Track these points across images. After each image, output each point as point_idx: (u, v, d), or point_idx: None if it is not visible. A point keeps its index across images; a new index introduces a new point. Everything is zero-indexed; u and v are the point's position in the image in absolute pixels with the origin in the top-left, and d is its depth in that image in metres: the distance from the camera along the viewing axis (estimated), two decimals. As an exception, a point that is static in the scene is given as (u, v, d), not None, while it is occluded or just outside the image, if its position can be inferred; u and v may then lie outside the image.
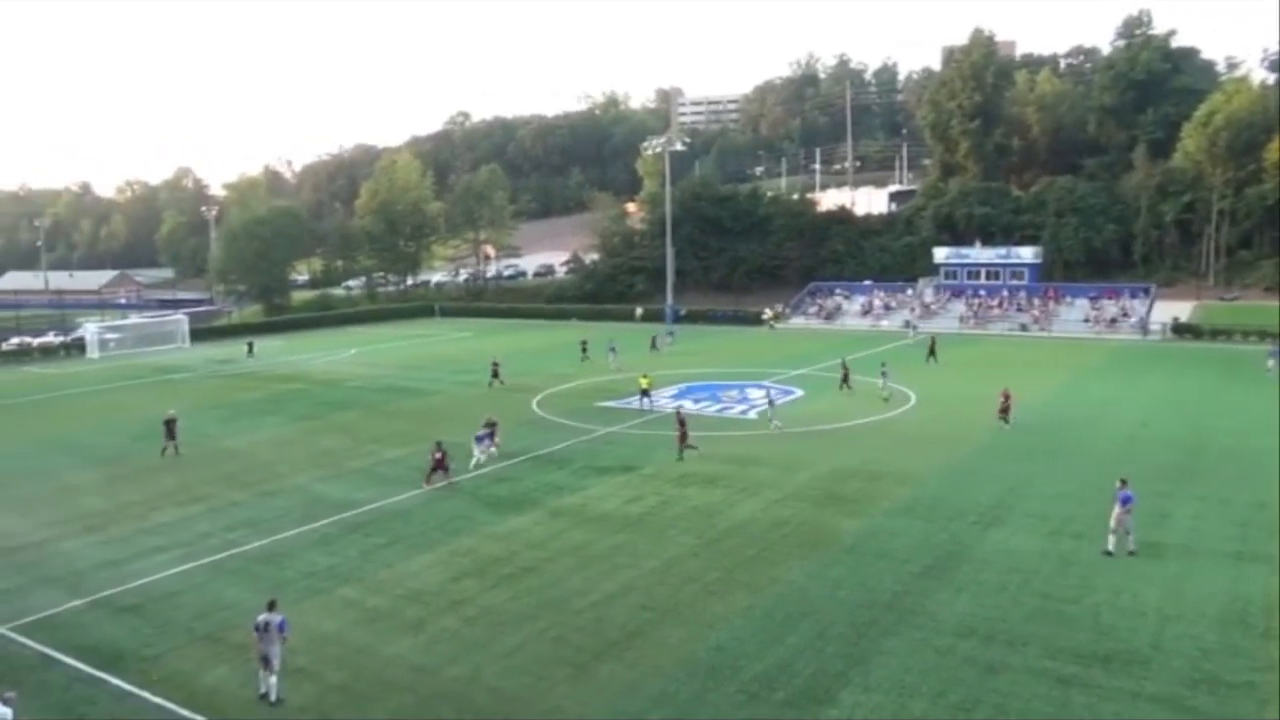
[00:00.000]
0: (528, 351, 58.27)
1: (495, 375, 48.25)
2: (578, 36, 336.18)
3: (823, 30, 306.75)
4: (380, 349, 69.04)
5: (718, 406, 42.06)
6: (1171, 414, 38.56)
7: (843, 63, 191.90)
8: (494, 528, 24.74)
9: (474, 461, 30.89)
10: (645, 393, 41.70)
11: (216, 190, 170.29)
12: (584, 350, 57.15)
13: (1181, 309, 71.55)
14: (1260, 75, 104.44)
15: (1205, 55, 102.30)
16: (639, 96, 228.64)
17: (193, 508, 27.36)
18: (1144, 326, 69.02)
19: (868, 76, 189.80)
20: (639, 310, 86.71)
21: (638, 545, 23.04)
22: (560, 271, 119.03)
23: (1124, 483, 22.00)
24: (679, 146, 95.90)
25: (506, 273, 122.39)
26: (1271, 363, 45.20)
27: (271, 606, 15.94)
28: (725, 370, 53.19)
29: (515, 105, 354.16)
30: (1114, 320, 71.18)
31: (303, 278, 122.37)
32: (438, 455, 28.78)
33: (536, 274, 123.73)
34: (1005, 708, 14.84)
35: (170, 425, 34.12)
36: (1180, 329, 66.47)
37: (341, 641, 17.89)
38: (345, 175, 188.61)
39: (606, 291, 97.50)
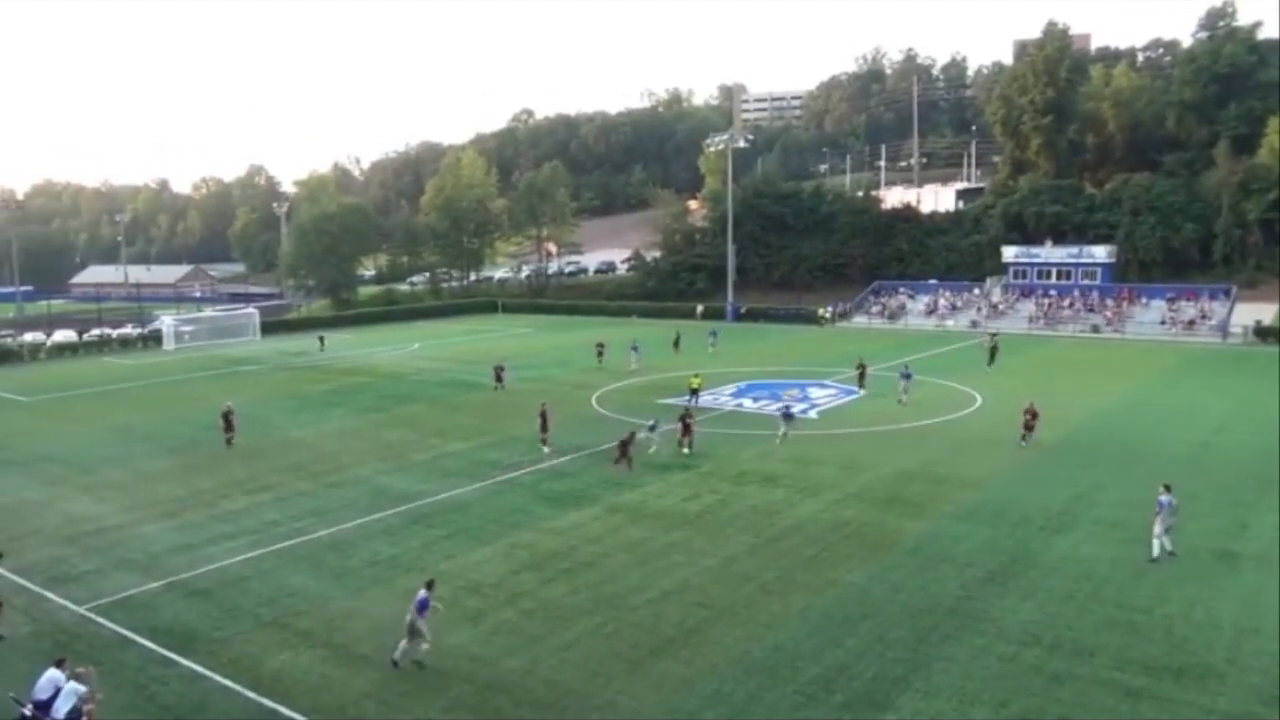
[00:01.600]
0: (588, 347, 58.42)
1: (499, 380, 46.41)
2: (641, 33, 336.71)
3: (890, 25, 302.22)
4: (443, 344, 70.04)
5: (778, 405, 41.72)
6: (1251, 421, 37.10)
7: (910, 58, 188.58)
8: (552, 522, 24.94)
9: (653, 449, 31.71)
10: (695, 392, 41.35)
11: (287, 187, 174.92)
12: (600, 353, 55.57)
13: (1265, 311, 68.71)
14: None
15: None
16: (702, 93, 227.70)
17: (261, 496, 28.12)
18: (1224, 329, 66.55)
19: (935, 71, 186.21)
20: (700, 308, 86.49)
21: (695, 543, 23.01)
22: (621, 269, 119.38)
23: (1167, 488, 21.76)
24: (741, 143, 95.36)
25: (568, 269, 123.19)
26: None
27: (429, 586, 16.93)
28: (783, 369, 52.75)
29: (578, 102, 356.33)
30: (1192, 323, 68.77)
31: (369, 273, 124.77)
32: (625, 439, 29.71)
33: (598, 271, 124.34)
34: (1071, 718, 14.47)
35: (228, 417, 35.07)
36: (1263, 332, 63.90)
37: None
38: (411, 172, 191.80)
39: (667, 289, 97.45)
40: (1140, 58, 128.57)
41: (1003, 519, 24.41)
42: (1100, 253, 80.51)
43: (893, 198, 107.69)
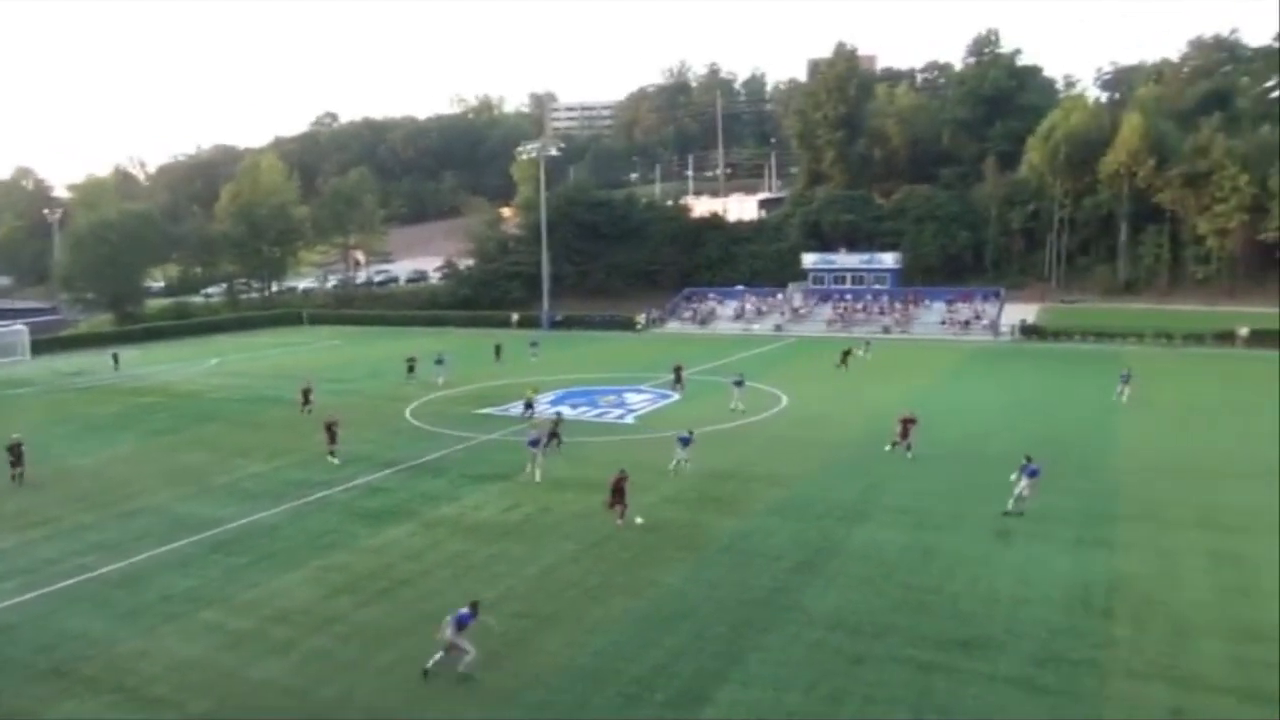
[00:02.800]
0: (398, 360, 56.84)
1: (306, 401, 42.16)
2: (449, 38, 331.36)
3: (694, 39, 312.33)
4: (245, 358, 66.16)
5: (596, 412, 42.24)
6: (1023, 411, 41.01)
7: (713, 72, 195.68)
8: (368, 541, 24.12)
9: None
10: (530, 404, 41.07)
11: (61, 192, 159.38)
12: (411, 367, 52.94)
13: (1028, 311, 76.19)
14: (1094, 93, 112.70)
15: (1046, 74, 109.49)
16: (513, 100, 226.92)
17: (34, 532, 25.54)
18: (995, 328, 73.17)
19: (737, 86, 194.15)
20: (516, 316, 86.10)
21: (516, 553, 22.91)
22: (434, 277, 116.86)
23: (1029, 459, 25.39)
24: (554, 151, 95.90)
25: (378, 279, 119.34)
26: (1120, 387, 42.81)
27: (474, 607, 16.67)
28: (601, 375, 53.42)
29: (385, 107, 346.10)
30: (968, 323, 75.16)
31: (159, 284, 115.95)
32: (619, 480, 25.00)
33: (410, 280, 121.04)
34: (873, 697, 15.49)
35: (15, 449, 31.35)
36: (1028, 330, 70.77)
37: (205, 667, 17.09)
38: (203, 177, 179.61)
39: (482, 297, 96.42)
40: (919, 79, 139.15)
41: (807, 512, 25.78)
42: (889, 259, 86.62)
43: (701, 206, 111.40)
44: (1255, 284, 75.80)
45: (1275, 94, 66.93)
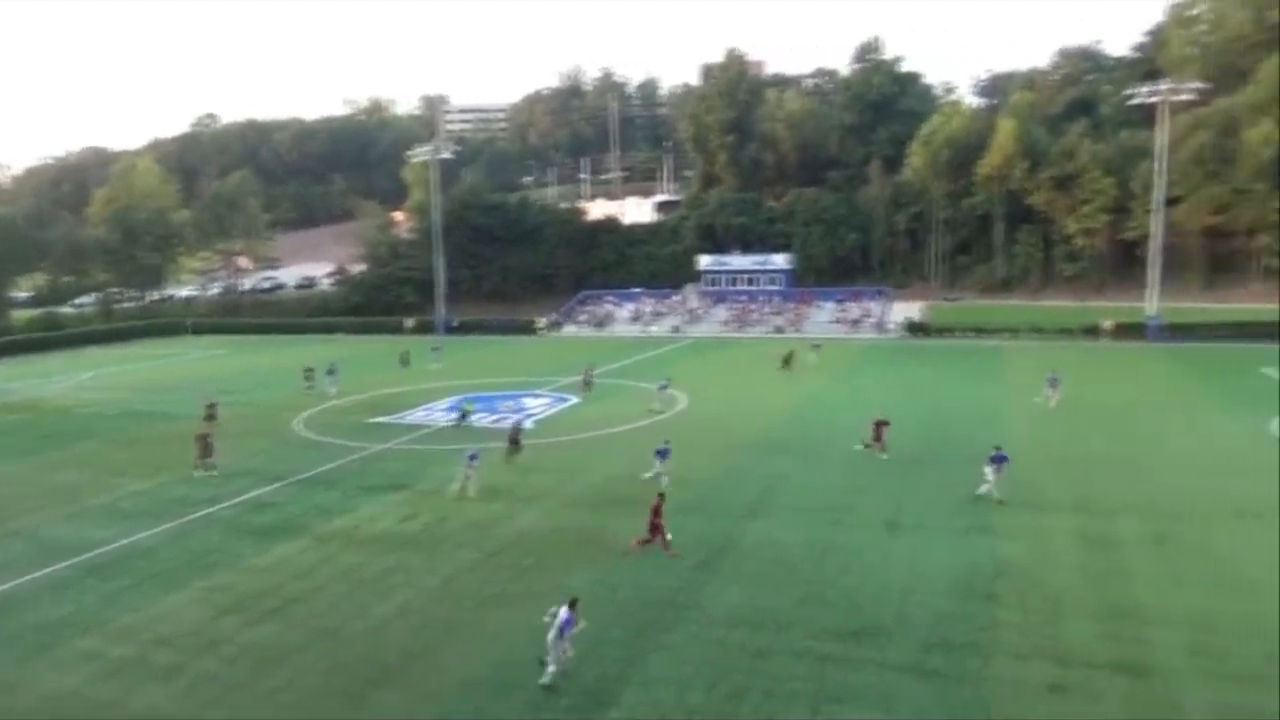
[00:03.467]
0: (289, 369, 55.10)
1: (210, 417, 40.64)
2: (337, 38, 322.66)
3: (587, 43, 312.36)
4: (122, 371, 62.97)
5: (494, 417, 41.80)
6: (909, 406, 42.42)
7: (607, 75, 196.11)
8: (256, 559, 23.27)
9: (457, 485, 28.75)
10: (465, 415, 39.94)
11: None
12: (308, 377, 50.54)
13: (913, 309, 79.08)
14: (971, 100, 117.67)
15: (926, 80, 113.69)
16: (404, 102, 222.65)
17: (-113, 563, 23.73)
18: (883, 326, 75.64)
19: (631, 90, 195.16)
20: (409, 322, 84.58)
21: (414, 564, 22.49)
22: (324, 284, 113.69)
23: (998, 448, 27.10)
24: (447, 154, 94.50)
25: (264, 286, 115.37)
26: (1048, 391, 41.28)
27: (572, 605, 16.42)
28: (501, 380, 52.94)
29: (270, 108, 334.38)
30: (857, 321, 77.48)
31: (25, 295, 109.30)
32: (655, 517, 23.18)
33: (298, 286, 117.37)
34: (773, 690, 15.81)
35: None
36: (913, 327, 73.42)
37: (83, 698, 16.22)
38: (73, 180, 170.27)
39: (375, 303, 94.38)
40: (807, 84, 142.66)
41: (708, 511, 26.12)
42: (781, 260, 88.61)
43: (596, 210, 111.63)
44: (1119, 280, 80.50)
45: (1135, 101, 71.05)
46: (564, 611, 16.35)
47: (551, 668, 16.11)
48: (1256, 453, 31.51)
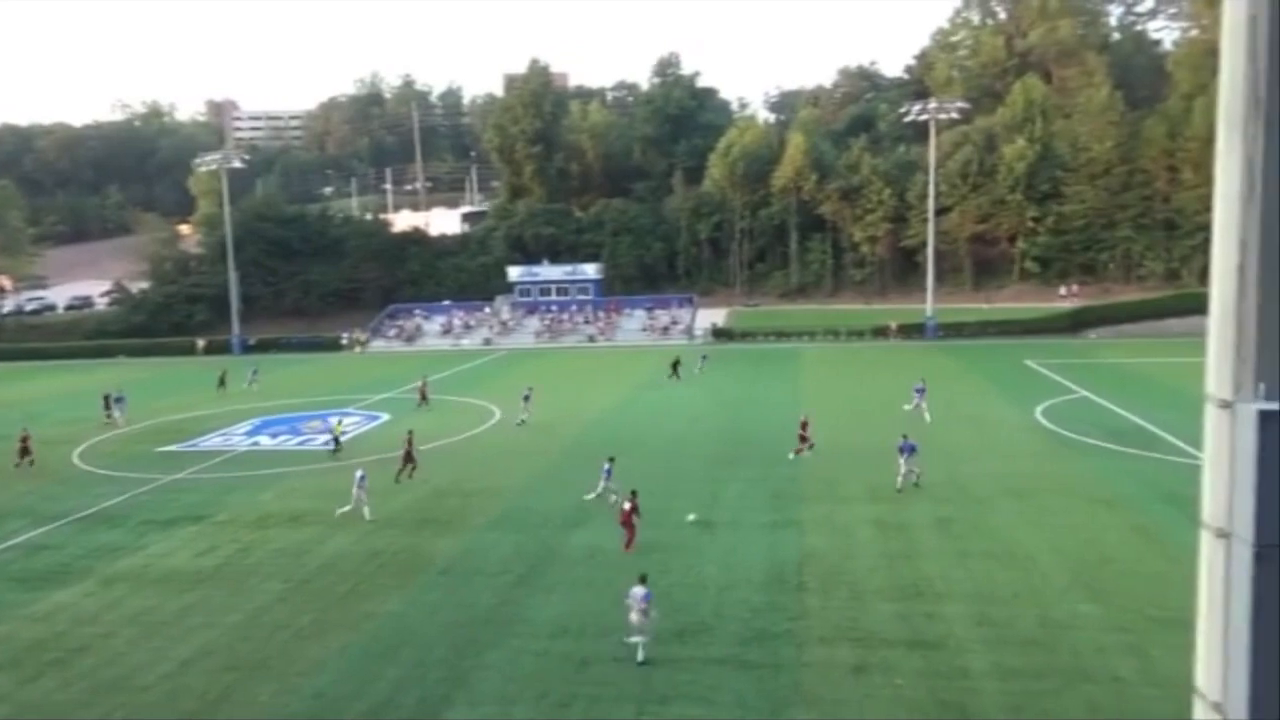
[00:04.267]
0: (62, 396, 50.32)
1: (25, 452, 35.99)
2: (107, 38, 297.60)
3: (385, 49, 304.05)
4: None
5: (299, 440, 39.91)
6: (718, 407, 44.11)
7: (408, 83, 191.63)
8: (31, 608, 21.11)
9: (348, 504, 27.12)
10: (338, 440, 36.91)
11: None
12: (107, 405, 45.84)
13: (718, 315, 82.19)
14: (763, 115, 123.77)
15: (723, 95, 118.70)
16: (187, 108, 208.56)
17: None
18: (690, 332, 78.08)
19: (433, 98, 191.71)
20: (201, 342, 79.23)
21: (215, 601, 21.11)
22: (101, 303, 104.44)
23: (905, 437, 28.42)
24: (237, 163, 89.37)
25: (29, 306, 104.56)
26: (916, 399, 40.75)
27: (643, 580, 17.49)
28: (305, 400, 50.58)
29: (30, 111, 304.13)
30: (666, 328, 79.58)
31: None
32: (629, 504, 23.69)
33: (70, 307, 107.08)
34: (599, 696, 16.00)
35: None
36: (719, 333, 76.23)
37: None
38: None
39: (161, 323, 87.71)
40: (610, 97, 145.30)
41: (527, 523, 26.07)
42: (591, 270, 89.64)
43: (402, 221, 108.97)
44: (901, 284, 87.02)
45: (908, 118, 77.23)
46: (639, 590, 17.30)
47: (643, 639, 17.03)
48: (1026, 438, 34.94)
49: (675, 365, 53.97)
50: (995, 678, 16.08)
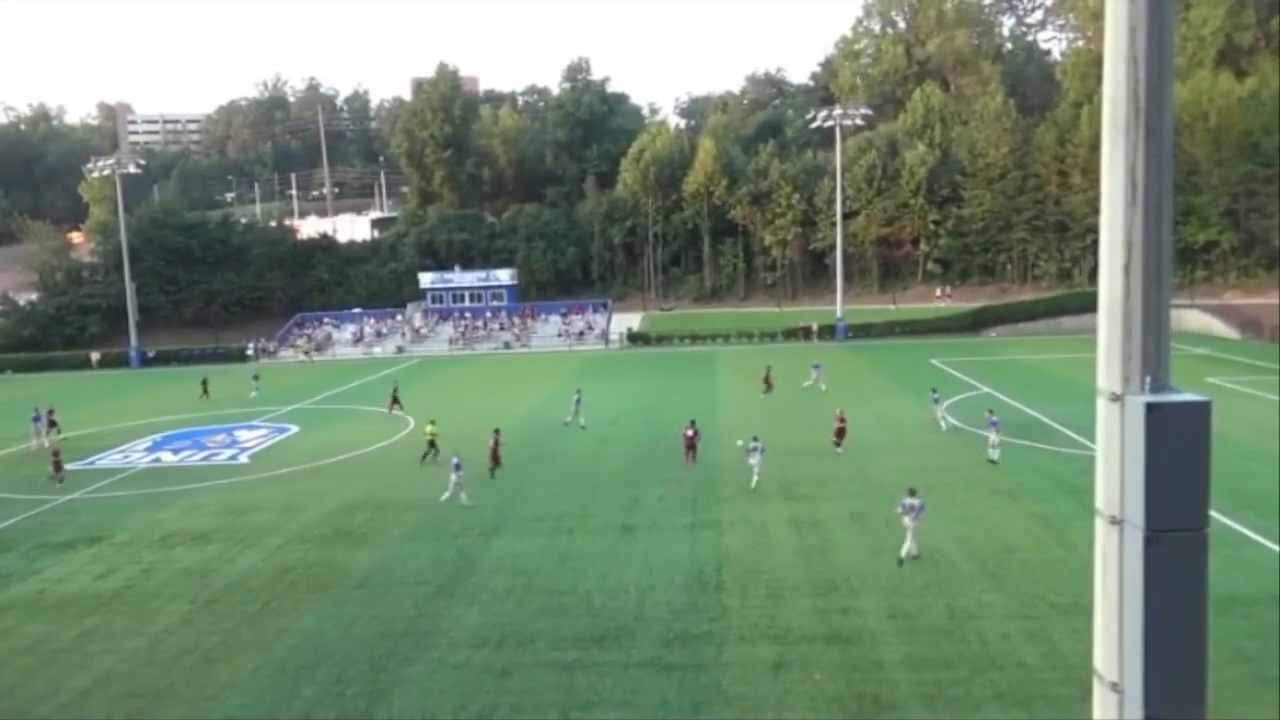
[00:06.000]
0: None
1: None
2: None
3: (289, 51, 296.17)
4: None
5: (203, 455, 38.51)
6: (635, 412, 44.24)
7: (313, 87, 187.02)
8: (-88, 642, 19.86)
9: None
10: (432, 444, 34.59)
11: None
12: (50, 420, 42.65)
13: (633, 320, 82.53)
14: (675, 120, 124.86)
15: (634, 101, 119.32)
16: (77, 110, 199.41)
17: None
18: (606, 337, 78.20)
19: (339, 102, 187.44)
20: (96, 355, 75.78)
21: (115, 626, 20.20)
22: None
23: (755, 438, 29.35)
24: (132, 169, 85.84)
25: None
26: (815, 373, 42.60)
27: (913, 493, 21.80)
28: (209, 414, 48.84)
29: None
30: (581, 333, 79.54)
31: None
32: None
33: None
34: (521, 705, 15.87)
35: None
36: (634, 337, 76.56)
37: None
38: None
39: (51, 336, 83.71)
40: (520, 101, 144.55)
41: (444, 532, 25.69)
42: (504, 276, 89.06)
43: (308, 227, 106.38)
44: (811, 286, 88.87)
45: (814, 124, 79.02)
46: (912, 500, 21.57)
47: (910, 544, 21.25)
48: (932, 434, 36.03)
49: (767, 378, 47.46)
50: (908, 668, 16.53)
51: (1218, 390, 40.95)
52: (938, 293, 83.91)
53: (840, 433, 33.93)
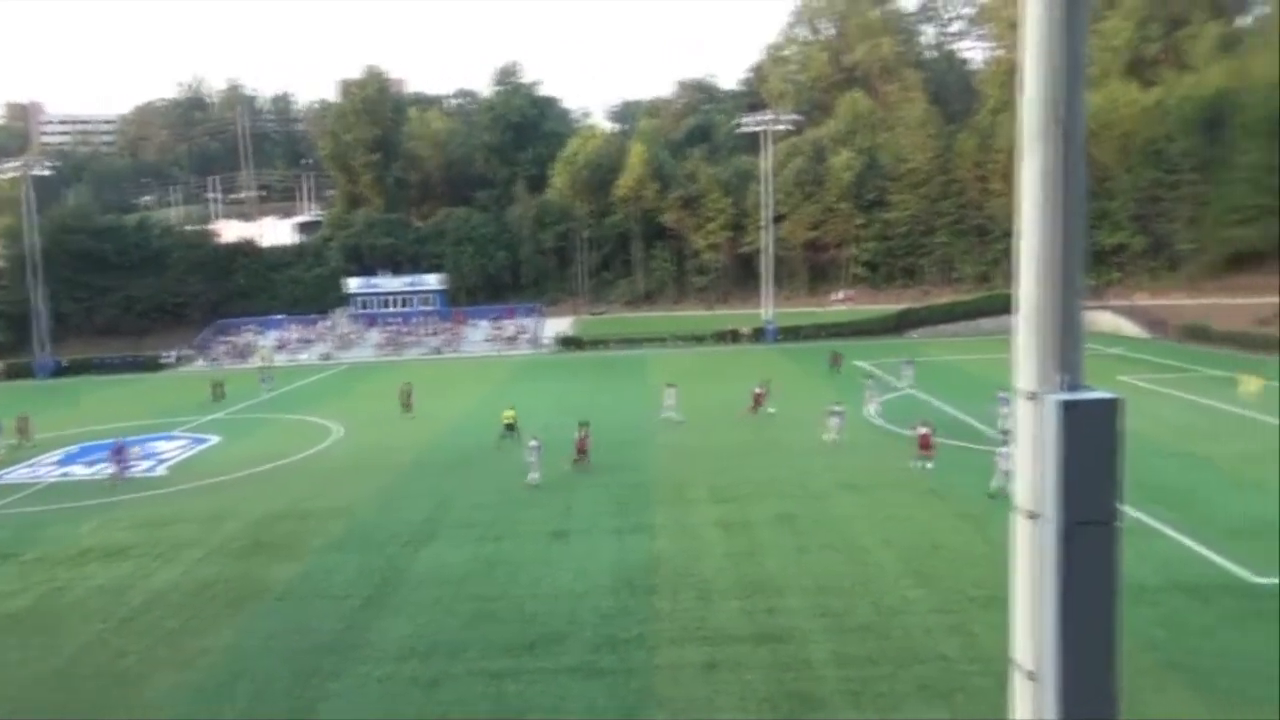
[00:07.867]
0: None
1: None
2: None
3: (209, 52, 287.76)
4: None
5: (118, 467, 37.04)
6: (570, 415, 43.88)
7: (234, 88, 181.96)
8: None
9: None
10: (510, 427, 37.19)
11: None
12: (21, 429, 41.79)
13: (565, 324, 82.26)
14: (606, 124, 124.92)
15: (565, 104, 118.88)
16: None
17: None
18: (537, 342, 77.80)
19: (262, 104, 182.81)
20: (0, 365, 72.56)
21: (26, 646, 19.30)
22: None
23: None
24: (43, 170, 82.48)
25: None
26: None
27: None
28: (125, 425, 47.08)
29: None
30: (513, 338, 78.99)
31: None
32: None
33: None
34: (449, 716, 15.63)
35: None
36: (566, 341, 76.32)
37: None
38: None
39: (-48, 345, 79.79)
40: (450, 104, 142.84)
41: (371, 542, 25.19)
42: (433, 280, 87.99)
43: (230, 231, 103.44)
44: (741, 289, 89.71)
45: (743, 129, 79.92)
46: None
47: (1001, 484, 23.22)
48: (860, 434, 36.62)
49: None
50: (835, 665, 16.74)
51: (1129, 388, 42.58)
52: (840, 295, 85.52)
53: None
